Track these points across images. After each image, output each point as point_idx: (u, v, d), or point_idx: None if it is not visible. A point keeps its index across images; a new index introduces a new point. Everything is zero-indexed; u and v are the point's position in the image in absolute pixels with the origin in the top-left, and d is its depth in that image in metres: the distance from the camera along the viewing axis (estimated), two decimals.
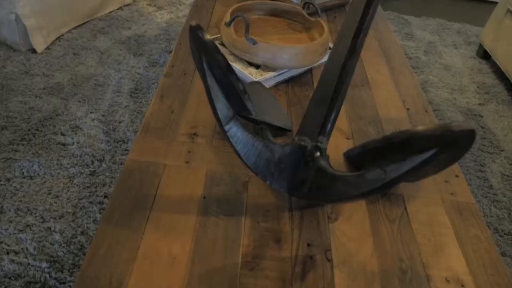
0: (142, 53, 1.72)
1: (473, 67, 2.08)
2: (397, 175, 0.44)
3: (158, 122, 0.79)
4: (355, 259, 0.60)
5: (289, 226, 0.63)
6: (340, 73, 0.58)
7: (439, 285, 0.59)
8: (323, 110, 0.60)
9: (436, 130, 0.38)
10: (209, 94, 0.52)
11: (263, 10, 1.11)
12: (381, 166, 0.45)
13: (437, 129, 0.38)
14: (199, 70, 0.55)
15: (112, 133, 1.28)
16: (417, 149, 0.41)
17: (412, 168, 0.43)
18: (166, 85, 0.89)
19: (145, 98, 1.46)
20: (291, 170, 0.60)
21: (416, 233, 0.65)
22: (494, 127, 1.64)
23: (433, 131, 0.38)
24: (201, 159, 0.72)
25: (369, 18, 0.59)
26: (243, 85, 0.48)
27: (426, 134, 0.38)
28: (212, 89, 0.50)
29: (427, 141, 0.39)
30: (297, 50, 0.91)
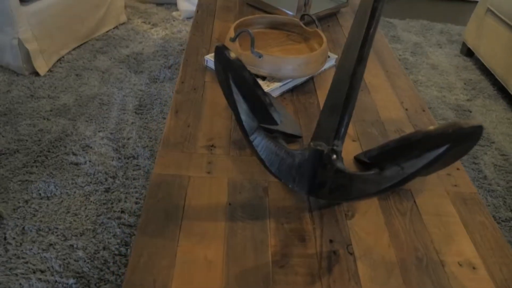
0: (142, 70, 1.77)
1: (458, 64, 2.17)
2: (414, 170, 0.50)
3: (177, 137, 0.83)
4: (374, 251, 0.65)
5: (310, 225, 0.68)
6: (350, 80, 0.64)
7: (453, 269, 0.64)
8: (336, 116, 0.66)
9: (449, 128, 0.43)
10: (235, 108, 0.57)
11: (262, 23, 1.17)
12: (398, 163, 0.51)
13: (450, 127, 0.43)
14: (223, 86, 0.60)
15: (122, 150, 1.32)
16: (432, 146, 0.46)
17: (427, 163, 0.49)
18: (179, 101, 0.94)
19: (149, 114, 1.51)
20: (310, 173, 0.65)
21: (427, 224, 0.71)
22: (483, 121, 1.72)
23: (446, 129, 0.43)
24: (222, 169, 0.77)
25: (373, 28, 0.65)
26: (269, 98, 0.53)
27: (439, 132, 0.44)
28: (238, 103, 0.55)
29: (440, 138, 0.45)
30: (300, 60, 0.96)
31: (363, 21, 0.66)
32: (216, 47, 0.54)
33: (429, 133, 0.45)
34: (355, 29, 0.67)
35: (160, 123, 1.47)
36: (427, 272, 0.63)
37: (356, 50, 0.65)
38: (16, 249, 0.99)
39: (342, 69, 0.67)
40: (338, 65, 0.68)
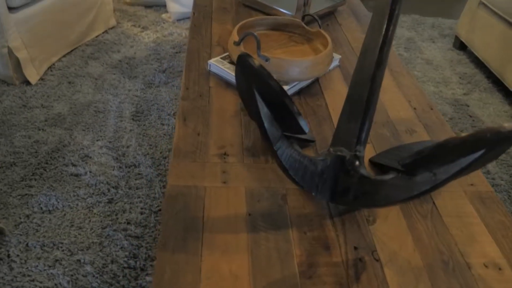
0: (136, 75, 1.73)
1: (452, 58, 2.18)
2: (447, 176, 0.49)
3: (188, 146, 0.81)
4: (400, 256, 0.64)
5: (333, 233, 0.67)
6: (370, 85, 0.63)
7: (480, 271, 0.63)
8: (356, 120, 0.65)
9: (486, 133, 0.42)
10: (258, 117, 0.55)
11: (264, 25, 1.15)
12: (430, 169, 0.50)
13: (487, 131, 0.42)
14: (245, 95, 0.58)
15: (122, 159, 1.29)
16: (468, 151, 0.45)
17: (460, 169, 0.48)
18: (186, 108, 0.92)
19: (147, 120, 1.48)
20: (332, 180, 0.63)
21: (448, 226, 0.70)
22: (481, 115, 1.73)
23: (483, 134, 0.42)
24: (237, 178, 0.75)
25: (391, 31, 0.63)
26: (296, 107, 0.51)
27: (477, 137, 0.43)
28: (262, 112, 0.54)
29: (477, 143, 0.44)
30: (308, 62, 0.95)
31: (381, 24, 0.64)
32: (240, 56, 0.52)
33: (466, 139, 0.44)
34: (372, 32, 0.65)
35: (158, 129, 1.44)
36: (455, 275, 0.62)
37: (375, 53, 0.64)
38: (21, 267, 0.95)
39: (360, 73, 0.66)
40: (356, 68, 0.67)
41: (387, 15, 0.63)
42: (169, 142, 1.38)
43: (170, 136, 1.41)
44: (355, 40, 1.31)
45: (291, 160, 0.59)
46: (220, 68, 1.01)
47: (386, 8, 0.64)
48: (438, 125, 0.95)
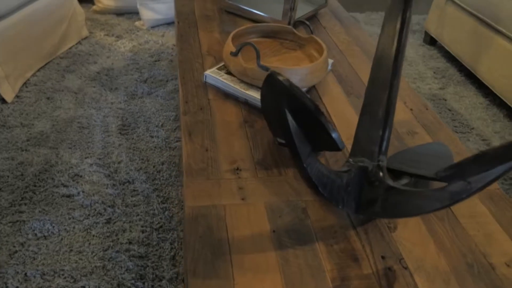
0: (117, 87, 1.68)
1: (424, 54, 2.25)
2: (482, 185, 0.50)
3: (198, 163, 0.79)
4: (426, 262, 0.65)
5: (359, 243, 0.67)
6: (388, 94, 0.63)
7: (503, 271, 0.65)
8: (376, 130, 0.65)
9: None
10: (289, 135, 0.54)
11: (256, 33, 1.14)
12: (464, 177, 0.51)
13: None
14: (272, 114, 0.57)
15: (115, 176, 1.25)
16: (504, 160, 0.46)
17: (496, 177, 0.49)
18: (189, 122, 0.89)
19: (135, 133, 1.43)
20: (357, 192, 0.64)
21: (466, 227, 0.72)
22: (459, 108, 1.80)
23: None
24: (254, 194, 0.74)
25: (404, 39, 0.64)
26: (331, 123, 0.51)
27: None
28: (293, 130, 0.53)
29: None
30: (307, 70, 0.95)
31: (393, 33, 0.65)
32: (269, 75, 0.51)
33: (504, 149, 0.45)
34: (385, 41, 0.66)
35: (148, 142, 1.40)
36: (481, 277, 0.64)
37: (390, 62, 0.65)
38: None
39: (376, 82, 0.66)
40: (371, 78, 0.67)
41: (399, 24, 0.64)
42: (161, 155, 1.35)
43: (161, 149, 1.37)
44: (342, 43, 1.32)
45: (319, 175, 0.59)
46: (218, 80, 1.00)
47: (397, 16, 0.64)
48: (436, 125, 0.98)
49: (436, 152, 0.80)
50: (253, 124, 0.91)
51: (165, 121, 1.50)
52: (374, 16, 2.65)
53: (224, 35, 1.28)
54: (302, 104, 0.49)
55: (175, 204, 1.18)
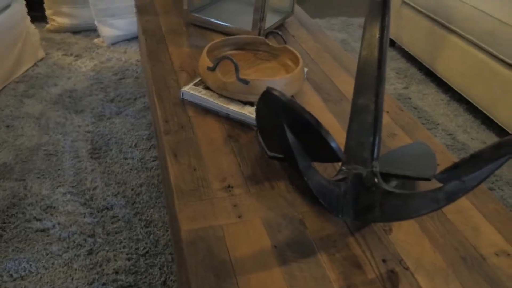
0: (83, 109, 1.61)
1: None
2: (476, 183, 0.52)
3: (188, 184, 0.77)
4: (424, 261, 0.67)
5: (359, 249, 0.68)
6: (375, 101, 0.65)
7: (494, 260, 0.68)
8: (367, 137, 0.66)
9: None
10: (289, 150, 0.54)
11: (229, 46, 1.14)
12: (459, 177, 0.52)
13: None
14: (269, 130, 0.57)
15: (91, 203, 1.19)
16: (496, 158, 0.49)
17: (488, 174, 0.51)
18: (172, 142, 0.87)
19: (108, 156, 1.38)
20: (354, 199, 0.64)
21: (454, 222, 0.75)
22: (423, 105, 1.88)
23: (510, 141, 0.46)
24: (250, 210, 0.73)
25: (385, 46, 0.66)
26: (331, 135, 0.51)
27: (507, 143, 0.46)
28: (292, 145, 0.53)
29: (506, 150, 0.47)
30: (286, 80, 0.95)
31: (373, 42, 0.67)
32: (265, 92, 0.51)
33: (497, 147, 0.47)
34: (367, 49, 0.67)
35: (123, 164, 1.35)
36: (475, 269, 0.67)
37: (374, 70, 0.66)
38: None
39: (362, 90, 0.68)
40: (356, 86, 0.69)
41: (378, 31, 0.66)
42: (138, 177, 1.31)
43: (138, 170, 1.33)
44: (312, 51, 1.34)
45: (319, 187, 0.59)
46: (197, 96, 0.98)
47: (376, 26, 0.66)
48: (413, 126, 1.01)
49: (419, 152, 0.83)
50: (238, 139, 0.90)
51: (138, 141, 1.46)
52: (334, 22, 2.73)
53: (195, 49, 1.26)
54: (301, 118, 0.49)
55: (159, 226, 1.14)
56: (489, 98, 1.73)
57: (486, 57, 1.72)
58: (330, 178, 0.64)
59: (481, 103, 1.77)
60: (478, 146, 1.66)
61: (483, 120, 1.81)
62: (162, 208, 1.20)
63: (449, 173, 0.52)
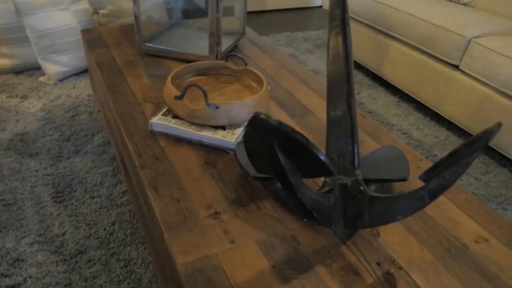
0: (38, 152, 1.52)
1: None
2: (455, 178, 0.56)
3: (174, 216, 0.76)
4: (415, 258, 0.70)
5: (354, 256, 0.69)
6: (349, 112, 0.68)
7: (475, 247, 0.73)
8: (346, 148, 0.69)
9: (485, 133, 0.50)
10: (281, 170, 0.55)
11: (191, 73, 1.14)
12: (439, 175, 0.56)
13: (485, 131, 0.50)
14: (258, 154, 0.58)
15: (62, 250, 1.12)
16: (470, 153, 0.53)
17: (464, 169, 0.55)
18: (149, 176, 0.85)
19: (74, 198, 1.31)
20: (343, 209, 0.67)
21: (434, 217, 0.79)
22: (376, 109, 1.98)
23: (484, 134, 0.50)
24: (242, 234, 0.72)
25: (350, 62, 0.70)
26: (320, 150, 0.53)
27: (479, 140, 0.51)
28: (285, 165, 0.54)
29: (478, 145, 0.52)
30: (254, 101, 0.97)
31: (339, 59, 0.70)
32: (254, 117, 0.52)
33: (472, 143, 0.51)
34: (335, 67, 0.71)
35: (91, 204, 1.29)
36: (461, 258, 0.71)
37: (343, 85, 0.70)
38: None
39: (334, 104, 0.71)
40: (329, 101, 0.72)
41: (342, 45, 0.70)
42: (109, 215, 1.25)
43: (107, 208, 1.27)
44: (270, 69, 1.38)
45: (312, 201, 0.60)
46: (167, 126, 0.97)
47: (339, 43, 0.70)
48: (377, 131, 1.07)
49: (390, 155, 0.88)
50: (216, 164, 0.90)
51: (103, 178, 1.40)
52: (279, 37, 2.82)
53: (154, 79, 1.25)
54: (291, 138, 0.51)
55: (140, 264, 1.10)
56: (435, 96, 1.86)
57: (428, 59, 1.86)
58: (318, 192, 0.66)
59: (428, 101, 1.90)
60: (432, 141, 1.77)
61: (432, 117, 1.94)
62: (140, 245, 1.16)
63: (431, 173, 0.56)
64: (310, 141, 0.52)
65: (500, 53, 1.56)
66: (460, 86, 1.74)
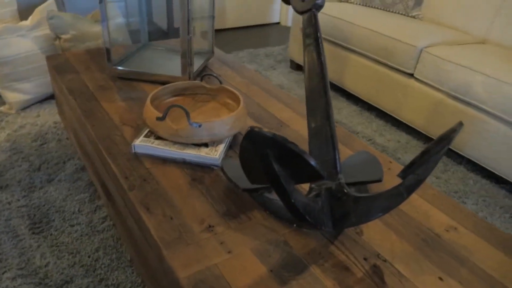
0: (8, 184, 1.48)
1: (295, 79, 2.55)
2: (428, 173, 0.63)
3: (170, 233, 0.78)
4: (397, 250, 0.77)
5: (342, 254, 0.75)
6: (329, 124, 0.74)
7: (447, 236, 0.81)
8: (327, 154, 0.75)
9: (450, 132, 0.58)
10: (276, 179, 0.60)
11: (168, 94, 1.17)
12: (413, 171, 0.63)
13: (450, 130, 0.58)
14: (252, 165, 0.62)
15: (47, 281, 1.10)
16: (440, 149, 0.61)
17: (434, 165, 0.63)
18: (139, 197, 0.87)
19: (52, 228, 1.29)
20: (330, 211, 0.72)
21: (407, 212, 0.87)
22: (341, 118, 2.09)
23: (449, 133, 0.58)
24: (238, 244, 0.76)
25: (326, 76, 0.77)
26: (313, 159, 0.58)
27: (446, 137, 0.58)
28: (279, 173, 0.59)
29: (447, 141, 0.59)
30: (233, 118, 1.02)
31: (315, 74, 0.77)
32: (250, 131, 0.57)
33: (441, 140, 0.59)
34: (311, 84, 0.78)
35: (71, 232, 1.27)
36: (435, 247, 0.78)
37: (321, 97, 0.76)
38: None
39: (314, 115, 0.77)
40: (309, 112, 0.78)
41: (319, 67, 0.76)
42: (92, 242, 1.24)
43: (89, 235, 1.26)
44: (241, 86, 1.44)
45: (304, 206, 0.66)
46: (150, 147, 0.99)
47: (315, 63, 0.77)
48: (348, 138, 1.15)
49: (364, 159, 0.95)
50: (202, 180, 0.93)
51: (81, 205, 1.39)
52: (241, 54, 2.89)
53: (129, 101, 1.27)
54: (285, 148, 0.56)
55: (129, 287, 1.10)
56: (393, 103, 1.99)
57: (384, 69, 1.99)
58: (308, 197, 0.71)
59: (388, 108, 2.03)
60: (394, 145, 1.90)
61: (392, 123, 2.08)
62: (127, 268, 1.16)
63: (407, 171, 0.63)
64: (302, 149, 0.57)
65: (450, 61, 1.71)
66: (415, 93, 1.88)
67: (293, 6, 0.83)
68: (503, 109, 1.55)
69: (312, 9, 0.80)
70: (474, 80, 1.63)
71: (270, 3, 3.66)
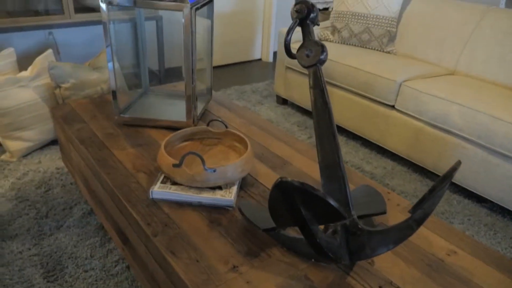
0: (17, 234, 1.50)
1: (282, 113, 2.67)
2: (433, 207, 0.73)
3: (198, 275, 0.84)
4: (407, 277, 0.85)
5: (359, 284, 0.83)
6: (339, 163, 0.84)
7: (449, 260, 0.90)
8: (340, 193, 0.84)
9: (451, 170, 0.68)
10: (304, 223, 0.68)
11: (178, 140, 1.25)
12: (420, 206, 0.73)
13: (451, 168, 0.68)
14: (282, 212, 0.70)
15: None
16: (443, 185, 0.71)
17: (438, 199, 0.73)
18: (164, 242, 0.93)
19: (67, 274, 1.31)
20: (346, 245, 0.81)
21: (411, 240, 0.96)
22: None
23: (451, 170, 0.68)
24: (263, 282, 0.83)
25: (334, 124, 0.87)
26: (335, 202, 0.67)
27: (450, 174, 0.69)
28: (307, 217, 0.68)
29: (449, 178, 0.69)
30: (244, 160, 1.10)
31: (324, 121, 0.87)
32: (280, 182, 0.65)
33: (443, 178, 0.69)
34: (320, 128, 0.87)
35: (86, 278, 1.30)
36: (440, 271, 0.87)
37: (330, 142, 0.86)
38: None
39: (326, 158, 0.86)
40: (321, 155, 0.87)
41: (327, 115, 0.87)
42: (106, 286, 1.27)
43: (104, 280, 1.29)
44: (241, 126, 1.53)
45: (327, 243, 0.74)
46: (168, 193, 1.06)
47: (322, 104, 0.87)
48: (348, 173, 1.24)
49: (367, 193, 1.05)
50: (220, 222, 1.00)
51: (92, 249, 1.42)
52: (229, 92, 3.01)
53: (139, 148, 1.34)
54: (312, 195, 0.65)
55: None
56: (377, 132, 2.12)
57: (367, 102, 2.13)
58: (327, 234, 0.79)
59: (372, 137, 2.16)
60: (381, 172, 2.01)
61: (377, 150, 2.20)
62: None
63: (416, 206, 0.72)
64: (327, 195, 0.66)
65: (427, 93, 1.86)
66: (397, 122, 2.02)
67: (299, 61, 0.93)
68: (479, 135, 1.70)
69: (317, 64, 0.91)
70: (450, 109, 1.78)
71: (252, 40, 3.83)
